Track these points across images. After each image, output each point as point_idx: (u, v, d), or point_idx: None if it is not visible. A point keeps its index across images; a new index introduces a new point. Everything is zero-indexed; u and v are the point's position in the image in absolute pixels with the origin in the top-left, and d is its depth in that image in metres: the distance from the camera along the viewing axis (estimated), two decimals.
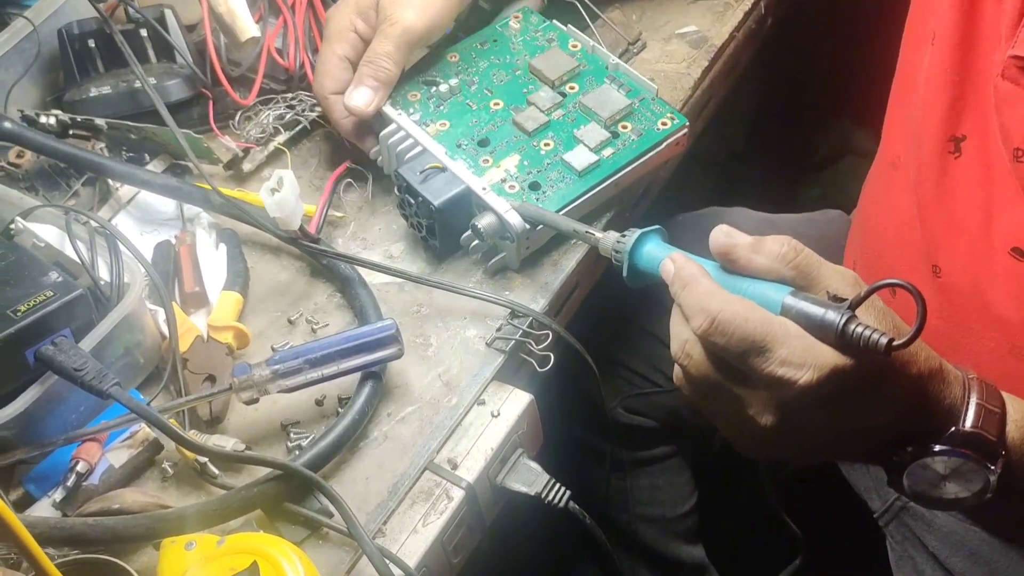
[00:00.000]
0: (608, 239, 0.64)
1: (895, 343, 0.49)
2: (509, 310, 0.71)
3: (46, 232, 0.69)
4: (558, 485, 0.67)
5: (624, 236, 0.63)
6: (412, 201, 0.72)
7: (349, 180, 0.81)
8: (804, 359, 0.50)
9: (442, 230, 0.73)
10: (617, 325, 0.95)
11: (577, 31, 0.84)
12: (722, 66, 0.91)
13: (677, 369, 0.56)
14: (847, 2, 1.23)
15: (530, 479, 0.67)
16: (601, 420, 0.91)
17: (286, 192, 0.68)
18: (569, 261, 0.74)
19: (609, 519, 1.02)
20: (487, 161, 0.74)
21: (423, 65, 0.81)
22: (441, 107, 0.78)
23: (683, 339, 0.54)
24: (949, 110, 0.67)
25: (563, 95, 0.78)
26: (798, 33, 1.05)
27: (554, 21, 0.85)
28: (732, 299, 0.53)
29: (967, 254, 0.69)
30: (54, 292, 0.61)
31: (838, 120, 1.50)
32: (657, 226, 0.62)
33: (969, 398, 0.55)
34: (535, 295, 0.72)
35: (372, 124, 0.78)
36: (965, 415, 0.54)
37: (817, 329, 0.51)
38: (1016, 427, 0.56)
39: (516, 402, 0.68)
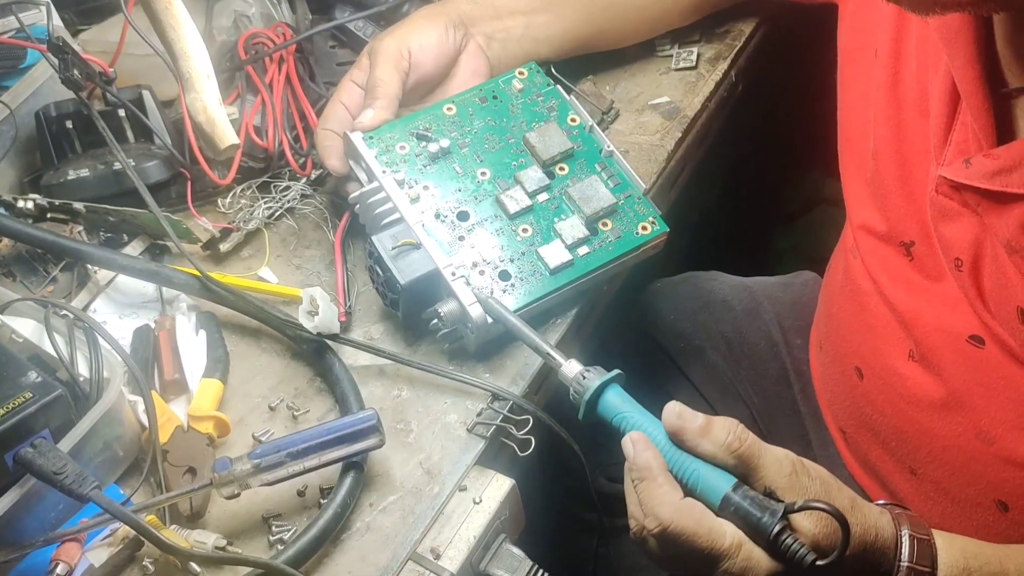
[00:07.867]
0: (569, 370, 0.66)
1: (819, 563, 0.55)
2: (490, 394, 0.71)
3: (23, 325, 0.69)
4: (541, 571, 0.67)
5: (586, 376, 0.64)
6: (380, 272, 0.73)
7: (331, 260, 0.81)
8: (743, 569, 0.57)
9: (406, 305, 0.73)
10: None
11: (578, 104, 0.82)
12: (695, 135, 0.92)
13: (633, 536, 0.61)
14: (812, 60, 1.26)
15: (513, 565, 0.67)
16: (585, 494, 0.92)
17: (323, 308, 0.70)
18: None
19: None
20: (463, 239, 0.74)
21: (417, 115, 0.79)
22: (428, 167, 0.77)
23: (639, 524, 0.60)
24: (896, 218, 0.71)
25: (551, 176, 0.78)
26: (765, 90, 1.06)
27: (558, 87, 0.83)
28: (682, 510, 0.58)
29: (928, 342, 0.71)
30: (33, 393, 0.61)
31: (808, 172, 1.52)
32: (617, 371, 0.65)
33: (900, 560, 0.59)
34: (515, 377, 0.73)
35: (354, 171, 0.78)
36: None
37: (752, 530, 0.57)
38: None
39: (498, 487, 0.68)
